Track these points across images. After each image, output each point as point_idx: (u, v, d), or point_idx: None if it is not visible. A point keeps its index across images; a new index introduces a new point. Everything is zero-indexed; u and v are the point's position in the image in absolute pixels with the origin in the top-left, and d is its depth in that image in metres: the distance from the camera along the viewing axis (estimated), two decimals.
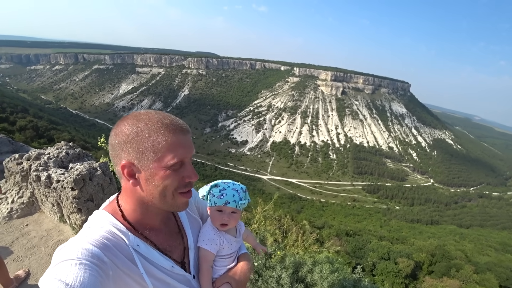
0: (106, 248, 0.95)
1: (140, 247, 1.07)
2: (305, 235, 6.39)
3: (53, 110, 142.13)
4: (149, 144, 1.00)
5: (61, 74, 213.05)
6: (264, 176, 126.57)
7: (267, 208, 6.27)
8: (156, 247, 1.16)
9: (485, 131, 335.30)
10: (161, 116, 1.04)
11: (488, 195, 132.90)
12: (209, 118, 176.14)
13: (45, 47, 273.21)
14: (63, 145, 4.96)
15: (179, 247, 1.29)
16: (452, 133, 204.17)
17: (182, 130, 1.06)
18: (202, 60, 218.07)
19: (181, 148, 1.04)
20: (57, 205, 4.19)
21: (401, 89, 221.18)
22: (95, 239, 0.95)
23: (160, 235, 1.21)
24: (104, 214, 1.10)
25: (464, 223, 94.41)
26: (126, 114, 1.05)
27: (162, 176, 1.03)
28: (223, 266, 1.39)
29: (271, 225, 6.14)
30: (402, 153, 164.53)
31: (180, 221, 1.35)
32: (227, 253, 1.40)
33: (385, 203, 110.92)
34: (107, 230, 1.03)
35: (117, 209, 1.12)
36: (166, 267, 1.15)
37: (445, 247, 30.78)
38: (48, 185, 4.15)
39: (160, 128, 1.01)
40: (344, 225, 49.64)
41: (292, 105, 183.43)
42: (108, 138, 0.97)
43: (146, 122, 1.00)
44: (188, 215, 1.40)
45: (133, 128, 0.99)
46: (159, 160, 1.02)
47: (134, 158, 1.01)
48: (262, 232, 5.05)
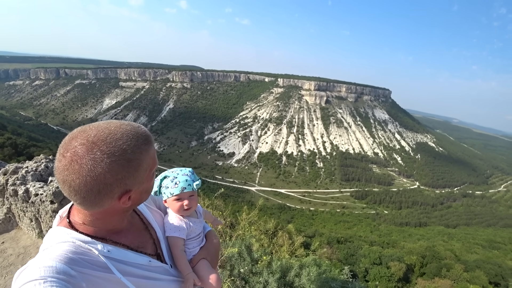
0: (71, 261, 0.90)
1: (112, 253, 1.05)
2: (291, 239, 6.37)
3: (33, 126, 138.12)
4: (142, 167, 1.01)
5: (41, 90, 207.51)
6: (252, 187, 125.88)
7: (252, 214, 6.25)
8: (128, 247, 1.15)
9: (464, 133, 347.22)
10: (134, 132, 1.00)
11: (471, 194, 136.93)
12: (195, 131, 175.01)
13: (25, 62, 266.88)
14: (42, 158, 4.78)
15: (150, 241, 1.30)
16: (433, 136, 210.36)
17: (151, 138, 1.07)
18: (186, 73, 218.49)
19: (155, 153, 1.10)
20: (36, 220, 4.01)
21: (383, 96, 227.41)
22: (57, 255, 0.90)
23: (128, 235, 1.20)
24: (63, 230, 1.05)
25: (451, 223, 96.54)
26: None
27: (151, 180, 1.11)
28: (195, 246, 1.50)
29: (256, 230, 6.08)
30: (387, 158, 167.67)
31: (143, 216, 1.36)
32: (196, 234, 1.51)
33: (374, 208, 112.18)
34: (70, 244, 0.98)
35: (71, 226, 1.07)
36: (143, 263, 1.16)
37: (434, 248, 31.26)
38: (26, 199, 3.97)
39: (144, 147, 1.01)
40: (334, 232, 49.64)
41: (278, 115, 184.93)
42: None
43: (132, 149, 0.97)
44: (149, 209, 1.42)
45: (124, 162, 0.95)
46: (149, 171, 1.07)
47: (131, 185, 1.00)
48: (247, 238, 5.02)
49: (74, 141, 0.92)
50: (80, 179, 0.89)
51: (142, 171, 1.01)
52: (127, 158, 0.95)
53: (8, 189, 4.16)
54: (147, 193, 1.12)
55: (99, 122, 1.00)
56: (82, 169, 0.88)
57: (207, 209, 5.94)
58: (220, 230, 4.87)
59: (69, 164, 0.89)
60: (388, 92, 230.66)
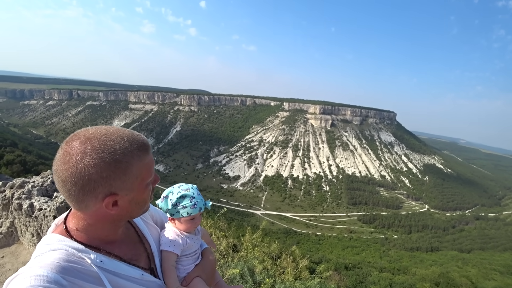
0: (63, 271, 0.89)
1: (104, 263, 1.03)
2: (295, 262, 6.23)
3: (43, 145, 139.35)
4: (132, 172, 1.00)
5: (54, 110, 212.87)
6: (258, 211, 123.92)
7: (256, 236, 6.16)
8: (122, 259, 1.13)
9: (472, 153, 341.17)
10: (130, 138, 1.03)
11: (484, 217, 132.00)
12: (201, 154, 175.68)
13: (40, 83, 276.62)
14: (49, 174, 4.84)
15: (144, 254, 1.28)
16: (441, 157, 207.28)
17: (149, 146, 1.09)
18: (194, 97, 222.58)
19: (152, 164, 1.10)
20: (37, 235, 4.02)
21: (388, 118, 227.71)
22: (49, 264, 0.89)
23: (122, 246, 1.18)
24: (57, 237, 1.04)
25: (465, 248, 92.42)
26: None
27: (143, 193, 1.08)
28: (190, 264, 1.45)
29: (260, 252, 5.99)
30: (394, 180, 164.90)
31: (138, 229, 1.34)
32: (192, 251, 1.46)
33: (383, 233, 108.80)
34: (63, 253, 0.96)
35: (67, 233, 1.07)
36: (136, 276, 1.13)
37: (448, 275, 29.92)
38: (29, 213, 4.00)
39: (137, 152, 1.02)
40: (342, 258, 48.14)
41: (283, 139, 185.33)
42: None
43: (122, 151, 0.99)
44: (145, 223, 1.40)
45: (111, 162, 0.96)
46: (141, 182, 1.05)
47: (117, 189, 0.99)
48: (250, 259, 4.92)
49: (74, 136, 1.00)
50: (68, 170, 0.93)
51: (132, 177, 1.01)
52: (116, 158, 0.96)
53: (13, 203, 4.21)
54: (138, 205, 1.09)
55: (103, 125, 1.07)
56: (71, 159, 0.93)
57: (210, 229, 5.90)
58: (222, 250, 4.82)
59: (62, 155, 0.95)
60: (393, 114, 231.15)
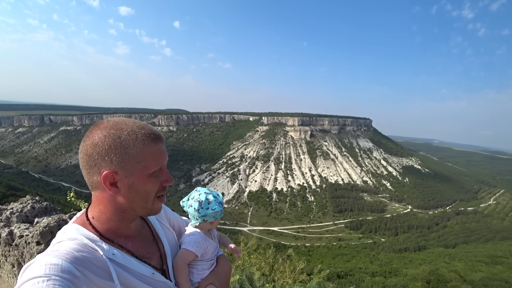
0: (77, 261, 0.91)
1: (116, 256, 1.05)
2: (292, 265, 6.21)
3: (13, 175, 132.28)
4: (133, 153, 1.03)
5: (24, 137, 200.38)
6: (245, 227, 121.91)
7: (250, 244, 6.17)
8: (133, 254, 1.14)
9: (446, 152, 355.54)
10: (140, 125, 1.09)
11: (464, 211, 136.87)
12: (183, 174, 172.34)
13: (9, 110, 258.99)
14: (29, 199, 4.42)
15: (156, 254, 1.27)
16: (418, 158, 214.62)
17: (160, 138, 1.12)
18: (172, 117, 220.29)
19: (161, 155, 1.10)
20: (18, 265, 3.74)
21: (364, 125, 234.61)
22: (64, 253, 0.91)
23: (136, 242, 1.19)
24: (74, 226, 1.07)
25: (450, 243, 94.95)
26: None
27: (145, 183, 1.07)
28: (205, 269, 1.41)
29: (256, 259, 6.01)
30: (376, 185, 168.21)
31: (153, 228, 1.34)
32: (209, 257, 1.43)
33: (370, 237, 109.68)
34: (78, 243, 1.00)
35: (86, 222, 1.10)
36: (146, 274, 1.12)
37: (438, 271, 30.31)
38: (9, 242, 3.69)
39: (142, 137, 1.05)
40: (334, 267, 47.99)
41: (265, 153, 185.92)
42: (75, 191, 0.83)
43: (128, 132, 1.04)
44: (161, 225, 1.40)
45: (116, 138, 1.02)
46: (143, 168, 1.05)
47: (117, 167, 1.02)
48: (247, 267, 4.90)
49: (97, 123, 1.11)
50: (82, 147, 1.05)
51: (132, 159, 1.03)
52: (121, 135, 1.03)
53: None
54: (138, 194, 1.08)
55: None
56: (87, 138, 1.05)
57: None
58: None
59: (85, 136, 1.07)
60: (369, 121, 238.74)
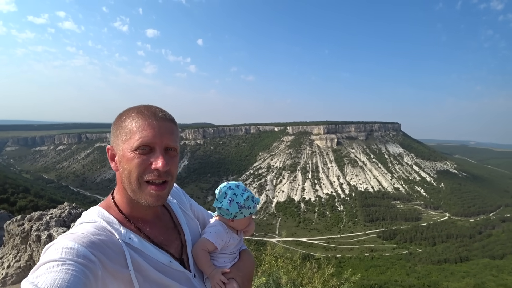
0: (93, 246, 0.91)
1: (133, 241, 1.03)
2: (320, 269, 6.02)
3: (54, 189, 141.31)
4: (122, 127, 1.06)
5: (64, 154, 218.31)
6: (273, 238, 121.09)
7: (277, 249, 6.22)
8: (151, 240, 1.11)
9: (485, 154, 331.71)
10: (144, 106, 1.11)
11: (511, 218, 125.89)
12: (210, 186, 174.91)
13: (50, 129, 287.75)
14: (66, 206, 4.97)
15: (176, 242, 1.23)
16: (453, 162, 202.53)
17: (156, 115, 1.07)
18: (199, 130, 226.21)
19: (150, 131, 1.04)
20: None
21: (393, 129, 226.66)
22: (81, 236, 0.91)
23: (154, 228, 1.16)
24: (97, 209, 1.08)
25: (496, 254, 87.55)
26: None
27: (128, 158, 1.03)
28: (226, 262, 1.37)
29: (284, 262, 5.94)
30: (409, 192, 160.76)
31: (175, 216, 1.31)
32: (231, 251, 1.39)
33: (405, 248, 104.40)
34: (97, 226, 1.00)
35: (111, 203, 1.11)
36: (163, 262, 1.08)
37: (484, 285, 28.48)
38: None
39: (134, 113, 1.07)
40: (367, 279, 46.53)
41: (291, 163, 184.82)
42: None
43: (128, 110, 1.09)
44: (184, 214, 1.37)
45: (118, 116, 1.09)
46: (127, 141, 1.04)
47: (113, 141, 1.08)
48: (274, 271, 4.86)
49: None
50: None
51: (124, 131, 1.05)
52: (125, 112, 1.10)
53: (32, 235, 4.26)
54: (123, 170, 1.05)
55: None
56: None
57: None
58: None
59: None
60: (398, 125, 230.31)
